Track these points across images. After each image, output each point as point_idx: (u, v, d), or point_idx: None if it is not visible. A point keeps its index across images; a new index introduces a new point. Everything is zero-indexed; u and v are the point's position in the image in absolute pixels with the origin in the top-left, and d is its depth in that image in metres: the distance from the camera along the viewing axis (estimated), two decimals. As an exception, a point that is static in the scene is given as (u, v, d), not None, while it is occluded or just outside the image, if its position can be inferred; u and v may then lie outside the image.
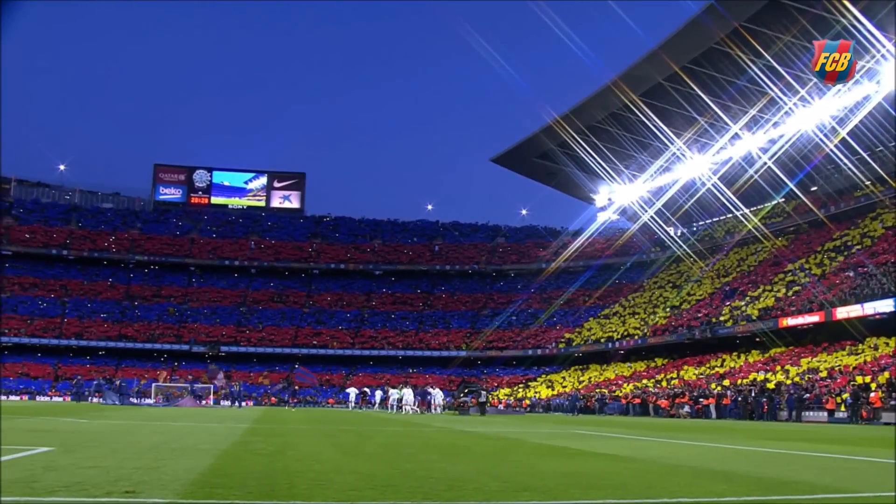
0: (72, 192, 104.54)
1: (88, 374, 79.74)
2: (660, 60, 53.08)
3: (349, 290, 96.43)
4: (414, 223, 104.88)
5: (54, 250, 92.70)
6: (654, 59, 53.83)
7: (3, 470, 8.25)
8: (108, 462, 9.39)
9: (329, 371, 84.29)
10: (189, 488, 7.20)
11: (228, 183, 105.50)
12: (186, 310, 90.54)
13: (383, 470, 9.51)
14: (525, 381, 78.21)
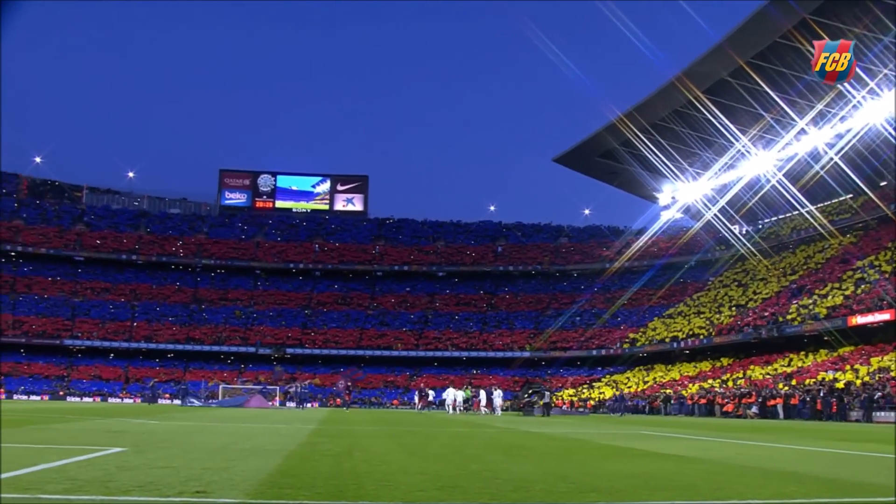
0: (140, 199, 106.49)
1: (158, 377, 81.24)
2: (724, 55, 52.34)
3: (413, 292, 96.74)
4: (477, 224, 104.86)
5: (124, 255, 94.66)
6: (718, 54, 53.06)
7: (80, 469, 8.43)
8: (178, 462, 9.53)
9: (393, 373, 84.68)
10: (258, 488, 7.28)
11: (292, 187, 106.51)
12: (252, 312, 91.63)
13: (449, 470, 9.52)
14: (589, 381, 77.72)
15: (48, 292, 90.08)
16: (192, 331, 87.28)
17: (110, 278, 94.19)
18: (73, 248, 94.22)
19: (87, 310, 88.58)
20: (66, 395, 73.55)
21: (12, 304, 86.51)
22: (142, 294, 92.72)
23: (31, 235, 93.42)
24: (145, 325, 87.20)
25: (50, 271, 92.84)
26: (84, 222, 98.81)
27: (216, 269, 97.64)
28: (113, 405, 54.72)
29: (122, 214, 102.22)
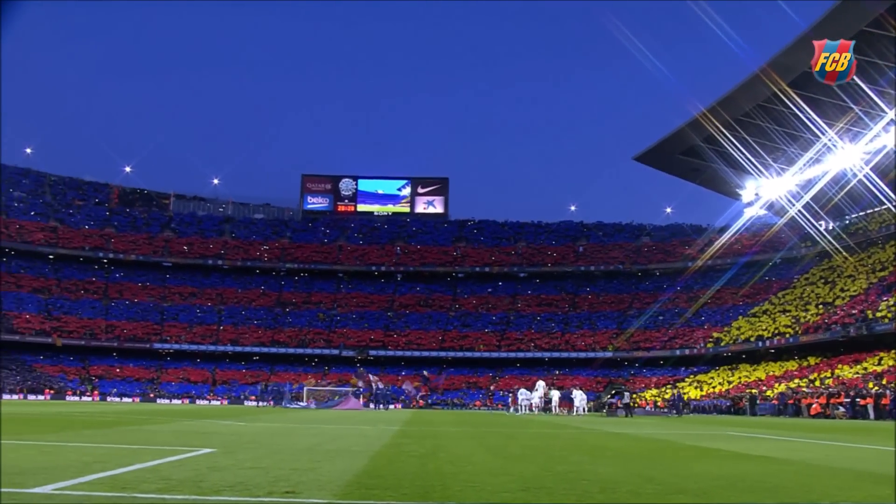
0: (225, 205, 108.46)
1: (244, 379, 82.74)
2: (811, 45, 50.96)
3: (495, 293, 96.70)
4: (557, 224, 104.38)
5: (210, 260, 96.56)
6: (804, 44, 51.64)
7: (172, 469, 8.63)
8: (266, 463, 9.68)
9: (476, 374, 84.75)
10: (345, 489, 7.36)
11: (373, 190, 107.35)
12: (335, 315, 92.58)
13: (534, 471, 9.51)
14: (673, 381, 76.73)
15: (138, 297, 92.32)
16: (276, 334, 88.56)
17: (197, 283, 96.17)
18: (161, 255, 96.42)
19: (176, 314, 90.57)
20: (155, 397, 75.22)
21: (105, 310, 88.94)
22: (228, 298, 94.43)
23: (121, 242, 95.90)
24: (231, 329, 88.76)
25: (140, 277, 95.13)
26: (171, 229, 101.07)
27: (300, 272, 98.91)
28: (201, 407, 55.77)
29: (208, 220, 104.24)
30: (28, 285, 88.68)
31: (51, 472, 8.10)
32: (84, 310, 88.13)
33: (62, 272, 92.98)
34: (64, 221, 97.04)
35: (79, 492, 6.82)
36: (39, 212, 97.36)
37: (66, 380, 78.78)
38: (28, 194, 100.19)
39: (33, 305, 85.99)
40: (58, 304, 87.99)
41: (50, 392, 72.77)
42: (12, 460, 9.25)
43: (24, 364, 79.35)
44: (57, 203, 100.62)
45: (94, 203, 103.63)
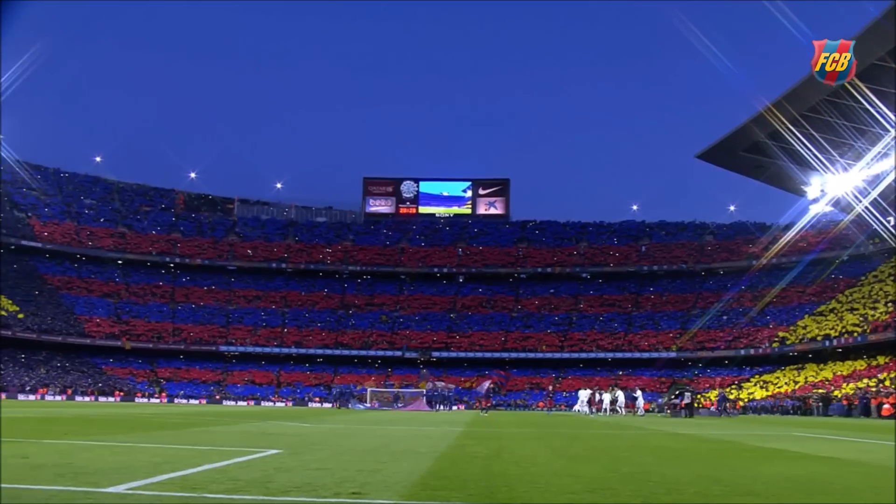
0: (289, 209, 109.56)
1: (308, 381, 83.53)
2: (883, 32, 49.74)
3: (557, 294, 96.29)
4: (619, 224, 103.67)
5: (274, 264, 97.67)
6: (877, 30, 50.42)
7: (240, 470, 8.75)
8: (332, 464, 9.75)
9: (538, 375, 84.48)
10: (411, 490, 7.40)
11: (435, 192, 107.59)
12: (398, 317, 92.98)
13: (600, 473, 9.47)
14: (738, 381, 75.73)
15: (204, 301, 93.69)
16: (340, 336, 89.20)
17: (261, 286, 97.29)
18: (226, 259, 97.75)
19: (241, 317, 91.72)
20: (221, 398, 76.19)
21: (172, 313, 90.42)
22: (292, 301, 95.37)
23: (187, 247, 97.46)
24: (295, 331, 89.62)
25: (205, 281, 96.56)
26: (236, 233, 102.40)
27: (362, 275, 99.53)
28: (266, 408, 56.39)
29: (272, 224, 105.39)
30: (98, 290, 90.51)
31: (123, 472, 8.26)
32: (152, 313, 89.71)
33: (130, 277, 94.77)
34: (132, 227, 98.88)
35: (150, 492, 6.95)
36: (108, 218, 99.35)
37: (134, 382, 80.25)
38: (97, 201, 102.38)
39: (103, 310, 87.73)
40: (126, 309, 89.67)
41: (120, 394, 74.15)
42: (86, 460, 9.46)
43: (94, 367, 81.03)
44: (125, 209, 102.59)
45: (161, 209, 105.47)
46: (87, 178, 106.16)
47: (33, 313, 79.46)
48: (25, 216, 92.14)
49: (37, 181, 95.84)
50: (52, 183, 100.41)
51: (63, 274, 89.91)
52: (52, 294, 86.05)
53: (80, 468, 8.54)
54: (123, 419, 24.25)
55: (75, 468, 8.52)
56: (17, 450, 10.74)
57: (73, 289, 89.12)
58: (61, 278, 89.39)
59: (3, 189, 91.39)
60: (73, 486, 7.10)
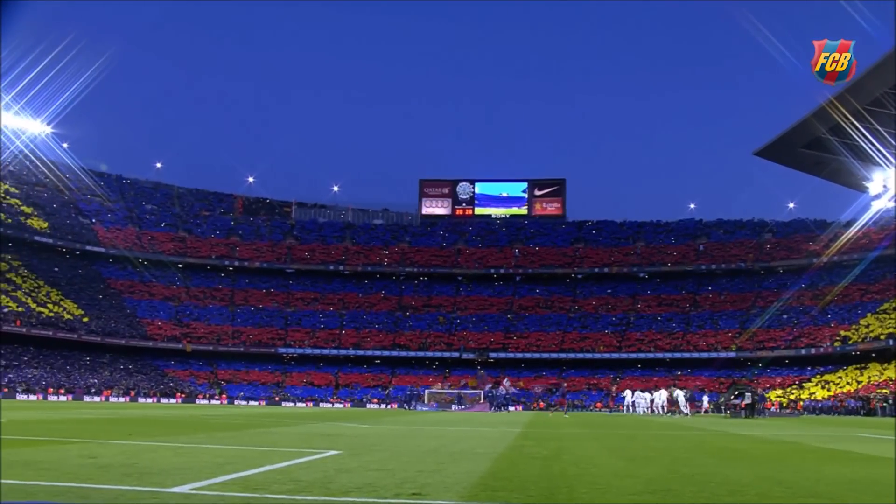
0: (345, 211, 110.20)
1: (366, 382, 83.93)
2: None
3: (614, 294, 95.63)
4: (677, 223, 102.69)
5: (332, 266, 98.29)
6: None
7: (301, 471, 8.84)
8: (392, 465, 9.83)
9: (596, 375, 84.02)
10: (471, 491, 7.43)
11: (491, 193, 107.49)
12: (455, 318, 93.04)
13: (660, 473, 9.42)
14: (798, 381, 74.58)
15: (263, 303, 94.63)
16: (397, 337, 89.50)
17: (319, 289, 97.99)
18: (284, 261, 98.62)
19: (299, 319, 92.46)
20: (280, 400, 76.80)
21: (231, 316, 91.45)
22: (349, 303, 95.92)
23: (246, 250, 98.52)
24: (353, 333, 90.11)
25: (264, 284, 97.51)
26: (294, 236, 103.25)
27: (419, 276, 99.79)
28: (325, 410, 56.79)
29: (329, 227, 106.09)
30: (159, 294, 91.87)
31: (186, 472, 8.41)
32: (212, 316, 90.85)
33: (191, 280, 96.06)
34: (192, 232, 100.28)
35: (213, 492, 7.07)
36: (169, 223, 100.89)
37: (195, 384, 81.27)
38: (158, 207, 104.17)
39: (164, 313, 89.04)
40: (187, 312, 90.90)
41: (181, 396, 75.17)
42: (150, 461, 9.64)
43: (156, 369, 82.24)
44: (185, 214, 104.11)
45: (220, 213, 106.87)
46: (148, 184, 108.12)
47: (97, 317, 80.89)
48: (89, 222, 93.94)
49: (100, 188, 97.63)
50: (114, 189, 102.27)
51: (126, 278, 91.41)
52: (116, 298, 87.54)
53: (146, 468, 8.71)
54: (185, 420, 24.62)
55: (141, 468, 8.69)
56: (84, 450, 10.97)
57: (135, 292, 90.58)
58: (124, 282, 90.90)
59: (69, 196, 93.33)
60: (139, 486, 7.25)
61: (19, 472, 8.04)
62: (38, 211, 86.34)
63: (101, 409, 35.89)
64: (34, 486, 7.15)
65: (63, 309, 77.59)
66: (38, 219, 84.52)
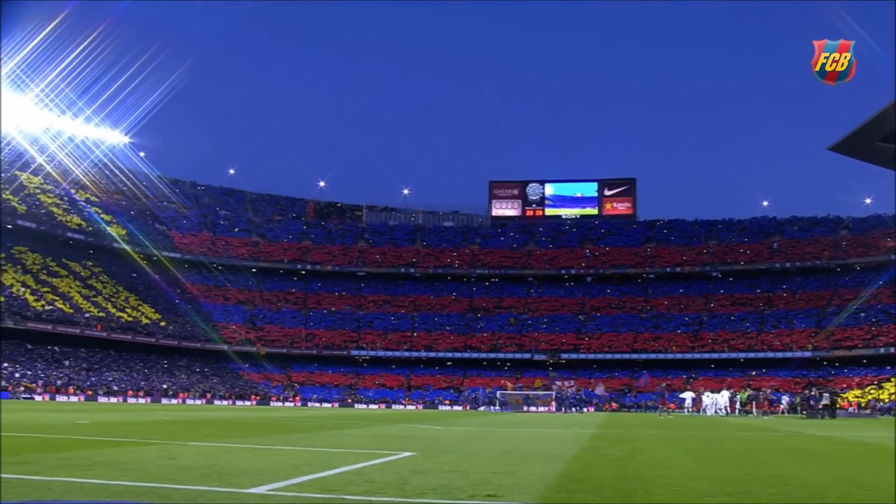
0: (416, 214, 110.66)
1: (437, 384, 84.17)
2: None
3: (687, 294, 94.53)
4: (749, 221, 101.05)
5: (403, 269, 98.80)
6: None
7: (376, 472, 8.93)
8: (466, 466, 9.86)
9: (668, 376, 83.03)
10: (546, 492, 7.43)
11: (561, 193, 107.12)
12: (526, 319, 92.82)
13: (736, 475, 9.32)
14: (877, 381, 72.92)
15: (335, 306, 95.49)
16: (469, 339, 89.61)
17: (391, 291, 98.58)
18: (356, 265, 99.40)
19: (371, 322, 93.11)
20: (353, 402, 77.32)
21: (304, 319, 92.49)
22: (420, 305, 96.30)
23: (318, 254, 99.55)
24: (425, 335, 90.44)
25: (336, 287, 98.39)
26: (365, 239, 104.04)
27: (490, 278, 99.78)
28: (397, 411, 57.10)
29: (400, 230, 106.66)
30: (234, 298, 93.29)
31: (264, 473, 8.55)
32: (285, 319, 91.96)
33: (264, 284, 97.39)
34: (265, 236, 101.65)
35: (291, 493, 7.18)
36: (242, 228, 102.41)
37: (269, 386, 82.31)
38: (232, 212, 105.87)
39: (239, 316, 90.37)
40: (261, 315, 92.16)
41: (255, 398, 76.13)
42: (228, 462, 9.81)
43: (231, 372, 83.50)
44: (258, 219, 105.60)
45: (292, 217, 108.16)
46: (221, 190, 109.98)
47: (174, 321, 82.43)
48: (165, 228, 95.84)
49: (175, 195, 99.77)
50: (189, 196, 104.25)
51: (201, 283, 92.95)
52: (192, 302, 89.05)
53: (224, 469, 8.87)
54: (261, 422, 24.95)
55: (219, 469, 8.85)
56: (164, 451, 11.22)
57: (210, 297, 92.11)
58: (199, 287, 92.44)
59: (145, 203, 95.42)
60: (218, 487, 7.39)
61: (103, 472, 8.25)
62: (117, 218, 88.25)
63: (179, 411, 36.56)
64: (118, 486, 7.33)
65: (141, 313, 79.25)
66: (117, 226, 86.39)
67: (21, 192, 79.45)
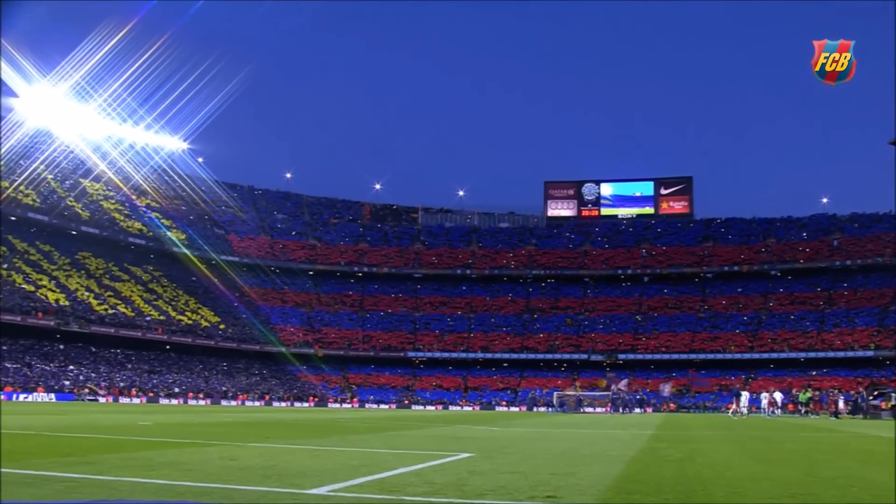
0: (471, 215, 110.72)
1: (494, 385, 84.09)
2: None
3: (745, 293, 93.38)
4: (809, 218, 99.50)
5: (459, 270, 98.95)
6: None
7: (435, 473, 8.95)
8: (524, 467, 9.86)
9: (727, 376, 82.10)
10: (606, 493, 7.41)
11: (616, 193, 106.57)
12: (583, 320, 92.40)
13: (798, 477, 9.21)
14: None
15: (392, 308, 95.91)
16: (525, 340, 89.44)
17: (447, 293, 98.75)
18: (412, 267, 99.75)
19: (427, 323, 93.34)
20: (410, 403, 77.58)
21: (361, 321, 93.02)
22: (477, 306, 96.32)
23: (374, 256, 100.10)
24: (481, 336, 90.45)
25: (392, 289, 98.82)
26: (421, 241, 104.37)
27: (546, 279, 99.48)
28: (454, 412, 57.15)
29: (455, 231, 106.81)
30: (291, 300, 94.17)
31: (323, 474, 8.62)
32: (342, 322, 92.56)
33: (321, 287, 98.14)
34: (321, 239, 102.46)
35: (351, 494, 7.23)
36: (300, 231, 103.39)
37: (327, 388, 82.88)
38: (289, 216, 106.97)
39: (296, 319, 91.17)
40: (318, 317, 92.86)
41: (313, 399, 76.73)
42: (288, 463, 9.93)
43: (289, 373, 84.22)
44: (315, 222, 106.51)
45: (348, 220, 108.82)
46: (278, 194, 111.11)
47: (233, 324, 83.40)
48: (224, 232, 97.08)
49: (233, 199, 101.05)
50: (247, 200, 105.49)
51: (259, 286, 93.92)
52: (250, 305, 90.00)
53: (284, 470, 8.98)
54: (319, 423, 25.14)
55: (279, 470, 8.96)
56: (225, 452, 11.37)
57: (268, 299, 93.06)
58: (257, 290, 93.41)
59: (204, 208, 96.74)
60: (279, 488, 7.48)
61: (166, 473, 8.39)
62: (177, 223, 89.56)
63: (238, 413, 36.97)
64: (181, 486, 7.45)
65: (201, 316, 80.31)
66: (176, 231, 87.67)
67: (84, 198, 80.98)
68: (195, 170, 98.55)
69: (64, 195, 78.44)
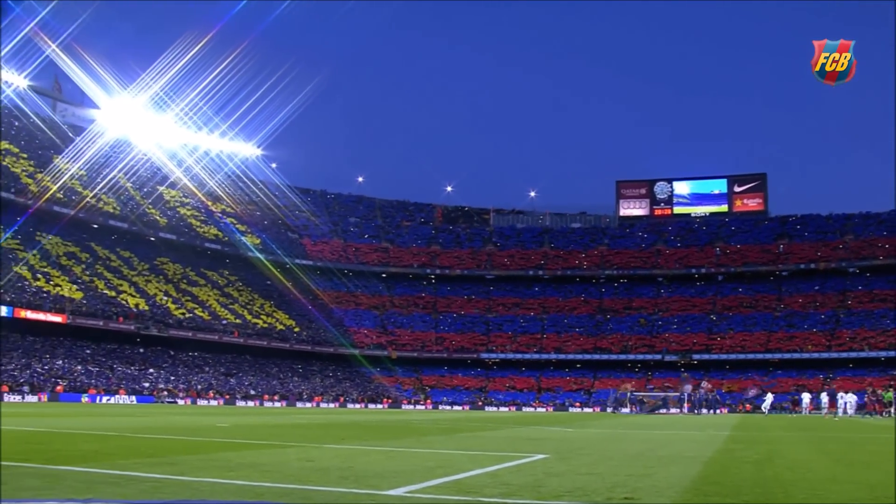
0: (543, 216, 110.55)
1: (567, 386, 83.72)
2: None
3: (822, 291, 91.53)
4: (888, 213, 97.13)
5: (531, 271, 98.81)
6: None
7: (510, 475, 8.97)
8: (601, 469, 9.81)
9: (804, 376, 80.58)
10: (684, 495, 7.35)
11: (689, 191, 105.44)
12: (657, 320, 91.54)
13: (883, 479, 9.02)
14: None
15: (464, 310, 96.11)
16: (598, 340, 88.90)
17: (519, 294, 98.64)
18: (484, 268, 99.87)
19: (500, 324, 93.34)
20: (483, 404, 77.66)
21: (434, 323, 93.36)
22: (549, 307, 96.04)
23: (447, 258, 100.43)
24: (554, 337, 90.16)
25: (465, 290, 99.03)
26: (493, 243, 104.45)
27: (619, 279, 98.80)
28: (528, 414, 57.01)
29: (527, 233, 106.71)
30: (365, 303, 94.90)
31: (400, 475, 8.68)
32: (415, 323, 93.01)
33: (394, 289, 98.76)
34: (394, 242, 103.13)
35: (428, 495, 7.26)
36: (372, 234, 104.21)
37: (401, 390, 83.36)
38: (361, 219, 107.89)
39: (370, 321, 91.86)
40: (391, 319, 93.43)
41: (387, 401, 77.22)
42: (365, 464, 10.02)
43: (363, 375, 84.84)
44: (387, 225, 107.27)
45: (420, 223, 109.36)
46: (351, 198, 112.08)
47: (307, 327, 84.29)
48: (297, 236, 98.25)
49: (306, 204, 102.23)
50: (319, 204, 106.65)
51: (333, 289, 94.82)
52: (324, 308, 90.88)
53: (361, 471, 9.06)
54: (394, 425, 25.26)
55: (356, 471, 9.04)
56: (302, 453, 11.51)
57: (342, 302, 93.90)
58: (331, 293, 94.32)
59: (278, 213, 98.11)
60: (356, 489, 7.54)
61: (245, 474, 8.52)
62: (251, 228, 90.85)
63: (314, 415, 37.31)
64: (260, 487, 7.57)
65: (276, 320, 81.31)
66: (251, 236, 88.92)
67: (161, 205, 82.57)
68: (268, 175, 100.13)
69: (142, 202, 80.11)
